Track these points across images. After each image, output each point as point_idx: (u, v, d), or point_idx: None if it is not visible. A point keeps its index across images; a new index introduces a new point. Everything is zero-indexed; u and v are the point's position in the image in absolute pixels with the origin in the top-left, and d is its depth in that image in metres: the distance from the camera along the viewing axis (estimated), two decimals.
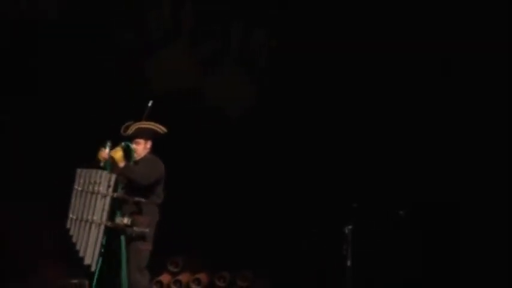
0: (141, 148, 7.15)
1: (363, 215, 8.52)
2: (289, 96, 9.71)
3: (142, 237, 6.93)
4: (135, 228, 6.86)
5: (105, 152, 6.94)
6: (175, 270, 9.70)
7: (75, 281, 8.99)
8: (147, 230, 6.91)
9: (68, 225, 6.90)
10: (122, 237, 6.85)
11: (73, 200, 6.93)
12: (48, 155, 9.33)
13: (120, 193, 6.86)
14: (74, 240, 6.84)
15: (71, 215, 6.91)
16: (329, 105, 9.53)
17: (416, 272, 9.05)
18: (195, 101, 9.82)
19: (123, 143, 7.02)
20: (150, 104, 7.20)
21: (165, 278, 9.58)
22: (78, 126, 9.45)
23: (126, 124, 7.12)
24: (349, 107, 9.46)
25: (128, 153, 6.99)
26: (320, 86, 9.62)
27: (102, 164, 6.95)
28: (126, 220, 6.81)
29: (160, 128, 7.19)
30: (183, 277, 9.60)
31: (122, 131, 7.09)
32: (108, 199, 6.79)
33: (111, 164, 6.86)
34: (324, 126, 9.56)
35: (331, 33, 9.49)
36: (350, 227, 8.12)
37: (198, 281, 9.55)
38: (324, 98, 9.57)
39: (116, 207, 6.86)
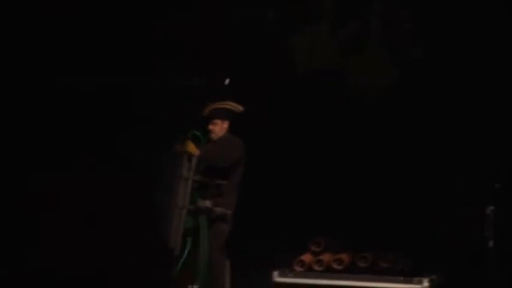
0: (218, 128, 7.29)
1: (506, 195, 8.38)
2: (431, 77, 9.61)
3: (222, 218, 7.07)
4: (217, 210, 6.98)
5: (179, 146, 7.07)
6: (317, 250, 9.76)
7: None
8: (228, 211, 7.06)
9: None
10: (203, 219, 6.96)
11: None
12: None
13: (200, 176, 6.96)
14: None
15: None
16: (468, 85, 9.40)
17: None
18: (336, 82, 9.91)
19: (188, 134, 7.12)
20: (226, 82, 7.28)
21: (307, 257, 9.65)
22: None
23: (205, 105, 7.25)
24: (490, 87, 9.31)
25: (197, 140, 7.13)
26: (463, 68, 9.46)
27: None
28: (207, 203, 6.93)
29: (237, 107, 7.27)
30: (325, 257, 9.63)
31: (201, 112, 7.23)
32: (189, 182, 6.88)
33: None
34: (467, 107, 9.41)
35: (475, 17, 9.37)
36: (492, 207, 7.99)
37: (339, 261, 9.58)
38: (464, 78, 9.44)
39: (197, 190, 6.97)
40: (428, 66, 9.61)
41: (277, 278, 9.44)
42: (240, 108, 7.32)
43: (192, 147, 7.00)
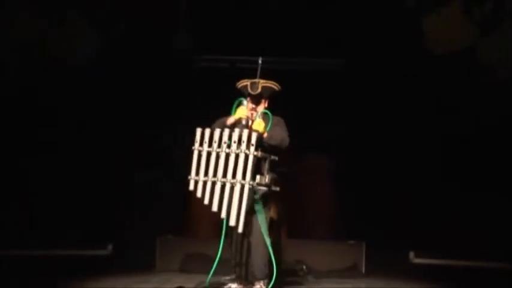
0: (262, 107, 7.21)
1: None
2: None
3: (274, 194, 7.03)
4: (273, 188, 6.92)
5: (246, 110, 7.06)
6: None
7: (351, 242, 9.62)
8: (277, 188, 6.98)
9: (192, 187, 6.88)
10: (260, 196, 6.94)
11: (195, 160, 6.90)
12: None
13: (261, 152, 6.86)
14: (206, 201, 6.83)
15: (194, 177, 6.88)
16: None
17: None
18: (469, 62, 9.79)
19: (260, 113, 7.11)
20: (260, 61, 7.16)
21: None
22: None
23: (251, 82, 7.14)
24: None
25: (267, 119, 7.12)
26: None
27: (244, 122, 7.03)
28: (267, 179, 6.85)
29: (278, 86, 7.21)
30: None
31: (249, 89, 7.12)
32: (251, 158, 6.78)
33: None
34: None
35: None
36: None
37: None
38: None
39: (256, 166, 6.86)
40: None
41: (414, 258, 9.59)
42: (279, 87, 7.20)
43: (263, 127, 6.98)
